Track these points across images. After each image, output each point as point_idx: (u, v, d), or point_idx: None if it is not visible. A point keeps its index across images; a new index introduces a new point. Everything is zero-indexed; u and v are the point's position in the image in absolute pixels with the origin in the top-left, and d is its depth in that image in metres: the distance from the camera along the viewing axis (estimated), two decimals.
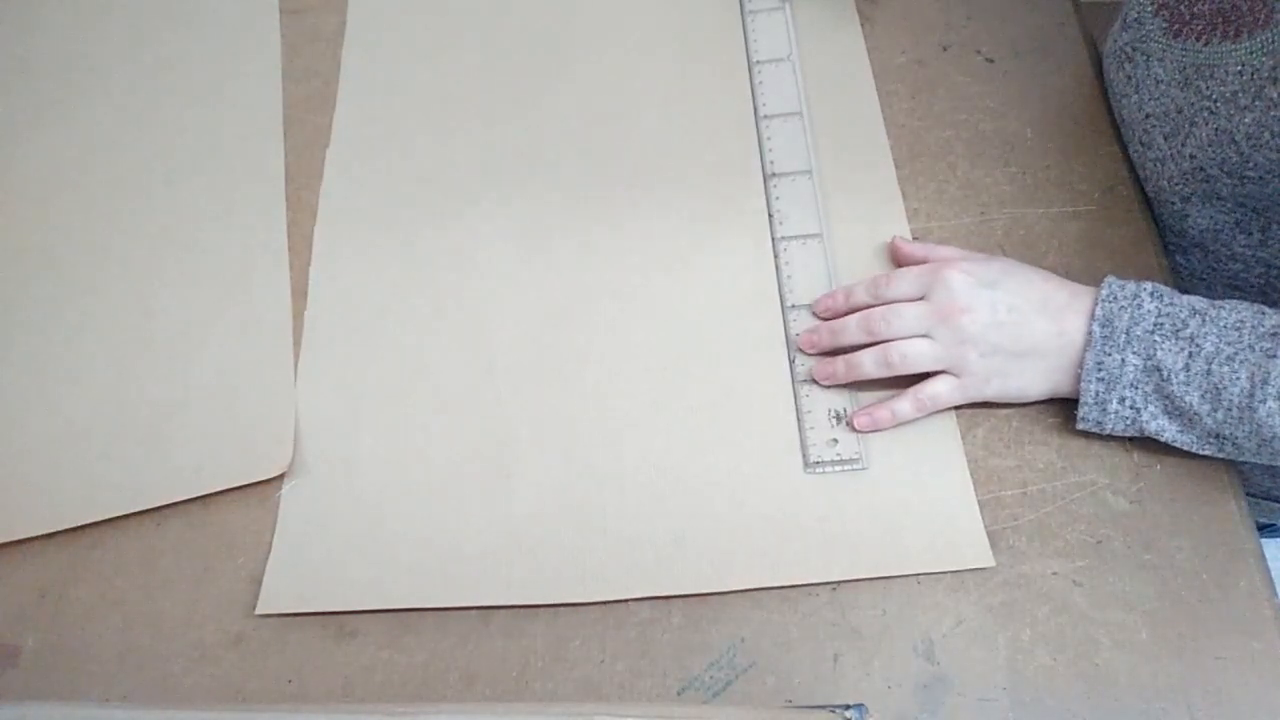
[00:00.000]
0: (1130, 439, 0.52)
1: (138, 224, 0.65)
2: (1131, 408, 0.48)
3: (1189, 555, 0.49)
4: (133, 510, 0.53)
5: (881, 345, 0.52)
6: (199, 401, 0.57)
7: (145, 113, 0.70)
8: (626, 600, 0.50)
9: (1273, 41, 0.48)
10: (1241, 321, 0.46)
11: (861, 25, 0.69)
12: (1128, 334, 0.48)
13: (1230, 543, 0.50)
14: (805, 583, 0.49)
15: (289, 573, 0.51)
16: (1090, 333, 0.48)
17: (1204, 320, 0.47)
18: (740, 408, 0.55)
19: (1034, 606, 0.49)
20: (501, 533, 0.52)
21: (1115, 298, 0.49)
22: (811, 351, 0.55)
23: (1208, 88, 0.52)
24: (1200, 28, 0.54)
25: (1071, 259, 0.58)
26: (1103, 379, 0.48)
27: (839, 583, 0.50)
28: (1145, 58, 0.58)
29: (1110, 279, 0.50)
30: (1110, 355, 0.48)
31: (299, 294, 0.61)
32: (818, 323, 0.56)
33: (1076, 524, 0.50)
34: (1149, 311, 0.48)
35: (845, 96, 0.66)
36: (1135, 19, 0.60)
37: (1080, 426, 0.51)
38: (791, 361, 0.55)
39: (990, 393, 0.51)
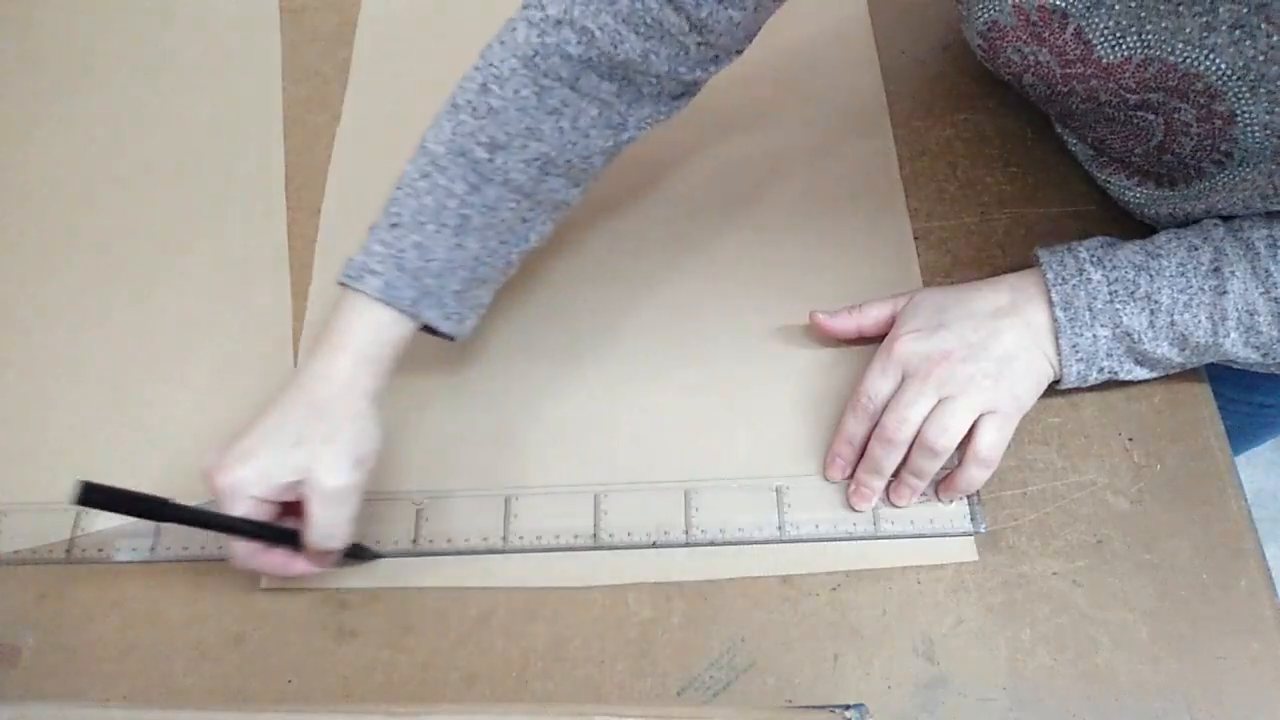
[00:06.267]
0: (1130, 439, 0.52)
1: (138, 224, 0.65)
2: (1110, 372, 0.50)
3: (1189, 555, 0.49)
4: (135, 518, 0.53)
5: (918, 444, 0.49)
6: (199, 403, 0.57)
7: (145, 112, 0.70)
8: (626, 600, 0.50)
9: (1204, 191, 0.50)
10: (1183, 264, 0.48)
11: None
12: (1090, 309, 0.49)
13: (1230, 543, 0.50)
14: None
15: None
16: (1055, 319, 0.49)
17: (1150, 275, 0.48)
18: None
19: (1034, 606, 0.49)
20: (497, 528, 0.52)
21: (1063, 278, 0.49)
22: (863, 507, 0.51)
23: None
24: (1138, 179, 0.55)
25: None
26: (1081, 358, 0.49)
27: (839, 583, 0.50)
28: None
29: (1041, 253, 0.51)
30: (1081, 335, 0.49)
31: (299, 294, 0.61)
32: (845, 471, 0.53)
33: (1076, 524, 0.50)
34: (1099, 282, 0.49)
35: (851, 95, 0.66)
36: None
37: (1063, 388, 0.51)
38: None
39: (1025, 397, 0.50)
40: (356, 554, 0.50)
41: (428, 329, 0.50)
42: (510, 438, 0.55)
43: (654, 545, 0.51)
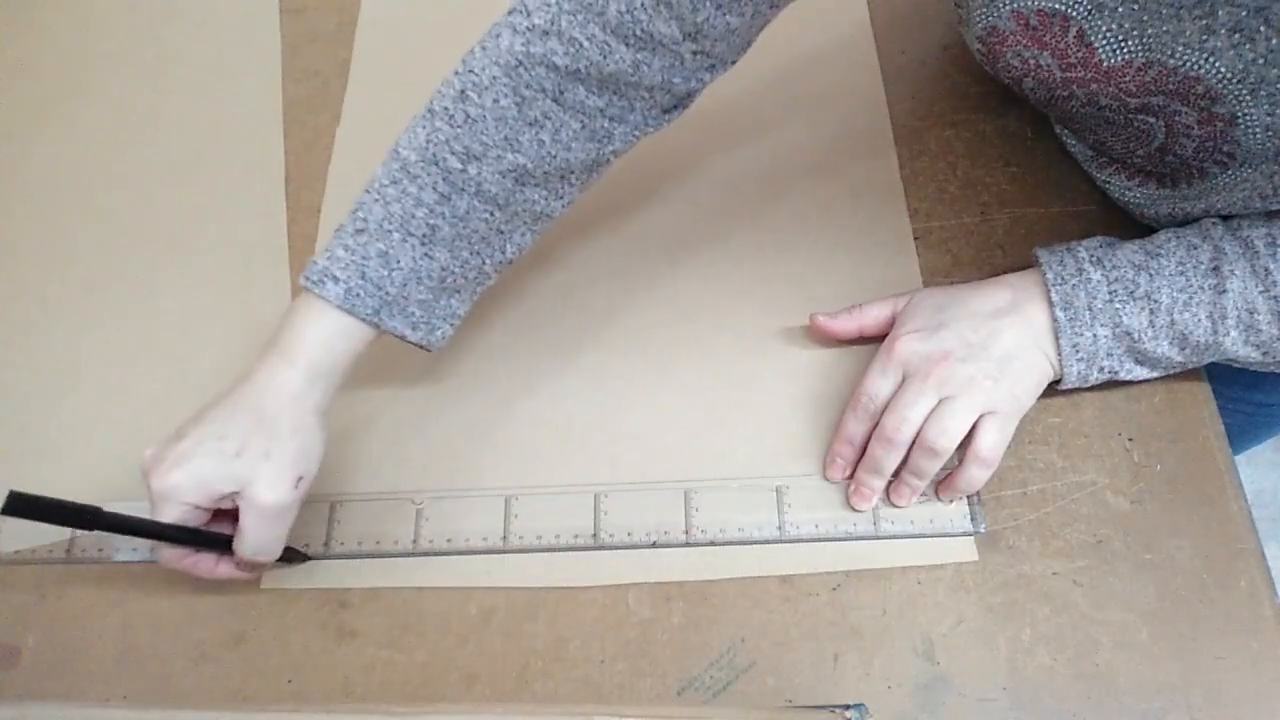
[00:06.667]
0: (1130, 439, 0.52)
1: (138, 224, 0.65)
2: (1111, 371, 0.50)
3: (1189, 555, 0.49)
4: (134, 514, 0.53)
5: (918, 444, 0.49)
6: (199, 403, 0.57)
7: (145, 113, 0.70)
8: (626, 600, 0.50)
9: (1205, 190, 0.50)
10: (1182, 263, 0.48)
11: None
12: (1090, 309, 0.49)
13: (1230, 543, 0.50)
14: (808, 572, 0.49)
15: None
16: (1055, 319, 0.49)
17: (1150, 274, 0.48)
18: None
19: (1034, 606, 0.49)
20: (497, 528, 0.52)
21: (1062, 278, 0.49)
22: (863, 507, 0.51)
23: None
24: (1138, 180, 0.55)
25: None
26: (1081, 358, 0.49)
27: (839, 583, 0.50)
28: None
29: (1041, 252, 0.51)
30: (1082, 335, 0.49)
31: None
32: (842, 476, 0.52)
33: (1076, 524, 0.50)
34: (1099, 282, 0.49)
35: (851, 95, 0.66)
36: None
37: (1063, 388, 0.51)
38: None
39: (1025, 397, 0.50)
40: (287, 557, 0.49)
41: (400, 337, 0.49)
42: (510, 438, 0.55)
43: (654, 545, 0.51)
